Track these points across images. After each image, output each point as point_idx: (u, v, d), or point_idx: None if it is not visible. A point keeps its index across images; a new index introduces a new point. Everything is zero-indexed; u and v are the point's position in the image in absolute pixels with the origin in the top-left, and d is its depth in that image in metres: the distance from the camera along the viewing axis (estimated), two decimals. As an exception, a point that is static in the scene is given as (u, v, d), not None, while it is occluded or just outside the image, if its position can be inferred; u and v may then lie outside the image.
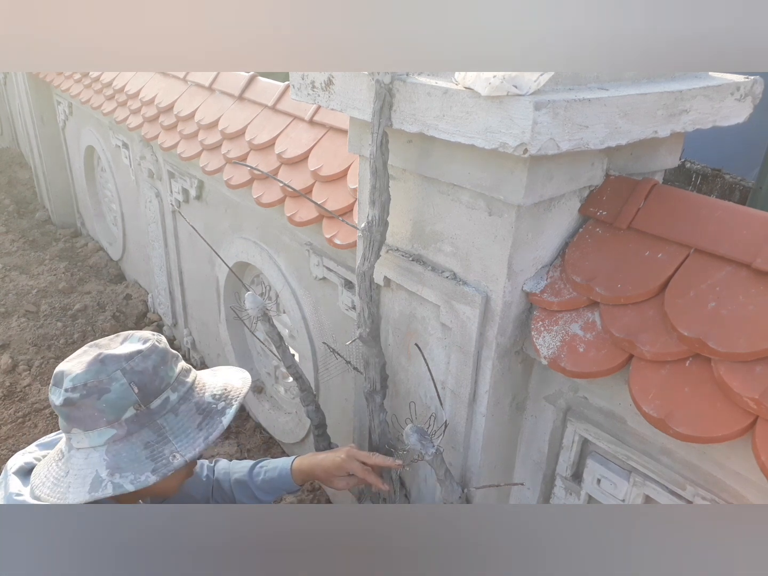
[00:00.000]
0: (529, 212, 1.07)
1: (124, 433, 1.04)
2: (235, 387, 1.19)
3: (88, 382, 1.03)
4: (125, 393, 1.04)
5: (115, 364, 1.05)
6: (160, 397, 1.07)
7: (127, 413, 1.04)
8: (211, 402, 1.13)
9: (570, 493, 1.29)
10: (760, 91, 1.20)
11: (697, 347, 0.95)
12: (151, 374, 1.07)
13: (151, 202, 3.23)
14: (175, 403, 1.09)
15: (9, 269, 4.28)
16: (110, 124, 3.52)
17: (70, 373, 1.04)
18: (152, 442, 1.05)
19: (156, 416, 1.07)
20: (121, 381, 1.03)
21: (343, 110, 1.20)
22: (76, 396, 1.03)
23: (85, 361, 1.06)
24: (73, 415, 1.04)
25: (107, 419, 1.03)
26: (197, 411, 1.11)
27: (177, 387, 1.11)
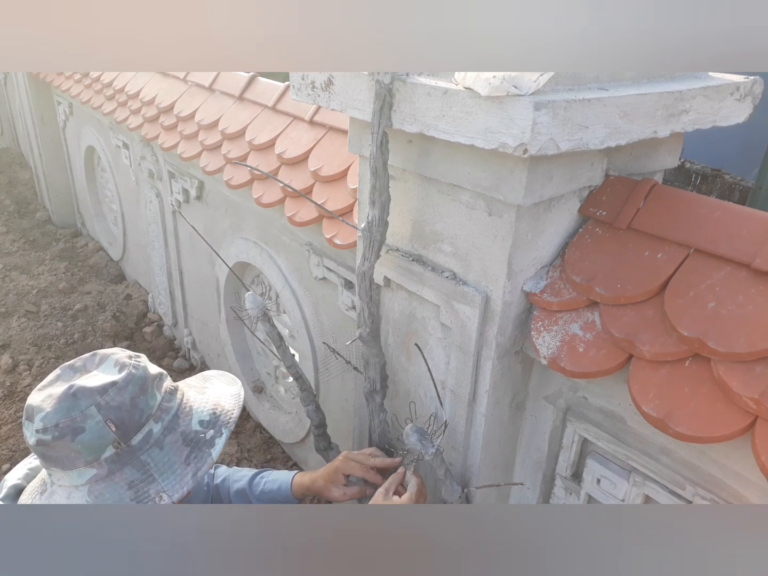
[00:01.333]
0: (529, 212, 1.07)
1: (105, 472, 0.96)
2: (226, 409, 1.08)
3: (59, 423, 0.93)
4: (101, 432, 0.94)
5: (89, 399, 0.95)
6: (142, 431, 0.98)
7: (106, 452, 0.95)
8: (199, 431, 1.03)
9: (570, 493, 1.29)
10: (759, 91, 1.20)
11: (696, 347, 0.95)
12: (129, 408, 0.97)
13: (152, 202, 3.23)
14: (159, 436, 1.00)
15: (9, 269, 4.28)
16: (110, 124, 3.52)
17: (41, 410, 0.95)
18: (136, 481, 0.96)
19: (138, 452, 0.98)
20: (96, 418, 0.94)
21: (343, 110, 1.20)
22: (48, 438, 0.94)
23: (56, 395, 0.96)
24: (49, 455, 0.96)
25: (85, 460, 0.95)
26: (184, 442, 1.01)
27: (160, 416, 1.01)
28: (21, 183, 5.99)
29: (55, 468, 0.97)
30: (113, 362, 1.02)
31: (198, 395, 1.10)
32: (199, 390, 1.13)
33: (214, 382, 1.17)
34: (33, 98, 4.69)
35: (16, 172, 6.24)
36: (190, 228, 2.80)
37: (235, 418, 1.08)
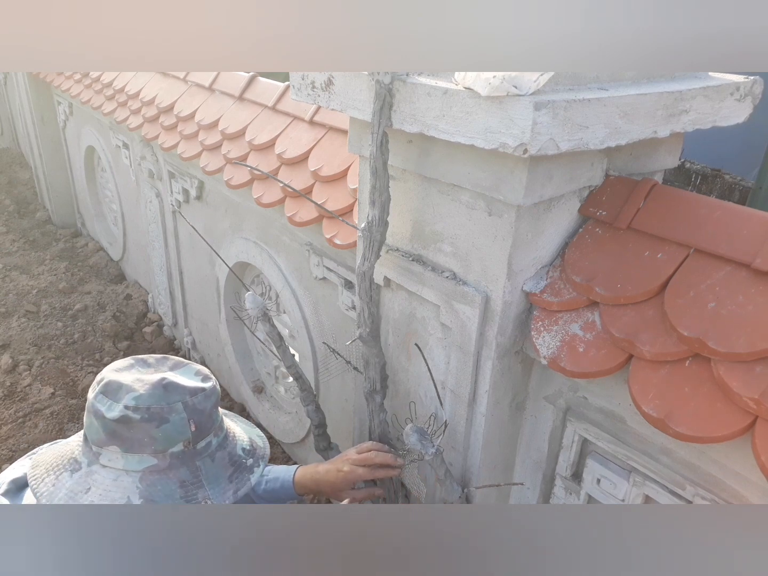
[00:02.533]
0: (528, 212, 1.07)
1: (165, 466, 1.00)
2: (259, 446, 1.16)
3: (152, 407, 0.98)
4: (183, 428, 1.00)
5: (179, 395, 1.01)
6: (205, 440, 1.04)
7: (175, 448, 1.00)
8: (242, 456, 1.11)
9: (570, 493, 1.29)
10: (759, 91, 1.20)
11: (696, 347, 0.95)
12: (207, 415, 1.04)
13: (152, 202, 3.23)
14: (214, 449, 1.06)
15: (9, 269, 4.28)
16: (110, 124, 3.52)
17: (133, 390, 0.99)
18: (188, 482, 1.01)
19: (197, 457, 1.03)
20: (181, 414, 1.00)
21: (343, 110, 1.20)
22: (136, 417, 0.97)
23: (148, 381, 1.01)
24: (120, 434, 0.98)
25: (155, 448, 0.99)
26: (230, 461, 1.08)
27: (218, 432, 1.08)
28: (21, 183, 5.99)
29: (116, 447, 0.98)
30: (194, 371, 1.09)
31: (234, 426, 1.17)
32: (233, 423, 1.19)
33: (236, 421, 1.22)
34: (33, 98, 4.69)
35: (16, 172, 6.24)
36: (190, 228, 2.80)
37: (268, 455, 1.16)
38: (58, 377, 3.18)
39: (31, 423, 2.88)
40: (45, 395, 3.04)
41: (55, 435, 2.81)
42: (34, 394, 3.05)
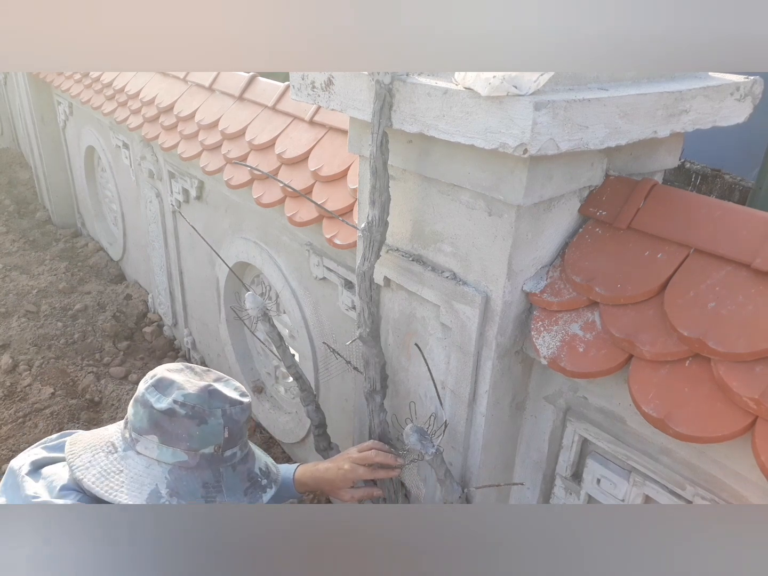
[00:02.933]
0: (529, 212, 1.07)
1: (194, 464, 1.08)
2: (272, 471, 1.25)
3: (197, 406, 1.08)
4: (218, 432, 1.10)
5: (220, 402, 1.11)
6: (232, 450, 1.14)
7: (207, 449, 1.09)
8: (258, 474, 1.19)
9: (570, 493, 1.29)
10: (759, 91, 1.20)
11: (696, 347, 0.95)
12: (239, 427, 1.14)
13: (152, 202, 3.23)
14: (238, 461, 1.15)
15: (9, 269, 4.28)
16: (110, 124, 3.52)
17: (183, 388, 1.09)
18: (209, 484, 1.09)
19: (222, 464, 1.12)
20: (219, 420, 1.10)
21: (343, 110, 1.20)
22: (182, 412, 1.07)
23: (197, 384, 1.11)
24: (162, 425, 1.07)
25: (190, 445, 1.08)
26: (248, 476, 1.16)
27: (243, 447, 1.17)
28: (21, 183, 5.98)
29: (155, 437, 1.07)
30: (234, 386, 1.19)
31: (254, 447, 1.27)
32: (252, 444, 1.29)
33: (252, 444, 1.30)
34: (33, 98, 4.68)
35: (16, 172, 6.24)
36: (190, 228, 2.80)
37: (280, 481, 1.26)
38: (58, 377, 3.18)
39: (31, 423, 2.87)
40: (45, 395, 3.04)
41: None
42: (34, 394, 3.05)
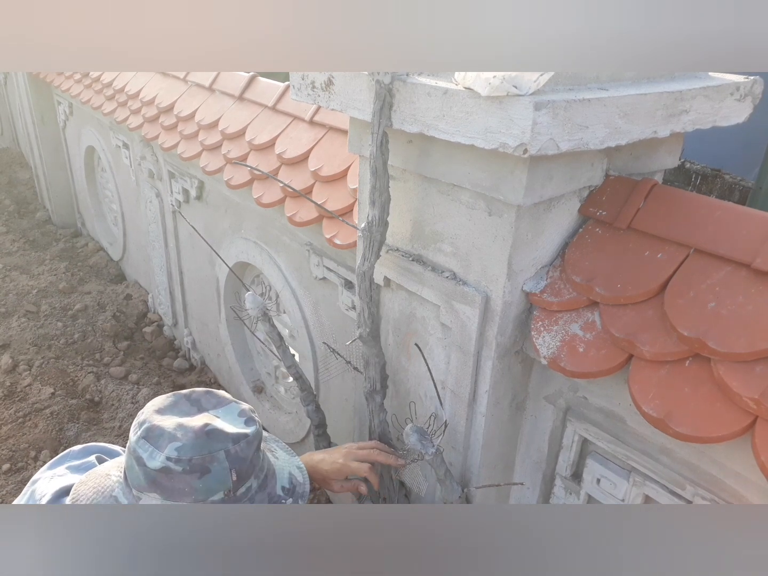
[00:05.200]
0: (529, 212, 1.07)
1: None
2: (299, 481, 1.12)
3: (193, 458, 0.94)
4: (224, 477, 0.96)
5: (221, 444, 0.97)
6: (245, 485, 1.00)
7: (216, 497, 0.97)
8: (282, 496, 1.07)
9: (570, 493, 1.29)
10: (759, 91, 1.20)
11: (696, 347, 0.95)
12: (249, 462, 1.00)
13: (152, 202, 3.23)
14: (254, 492, 1.02)
15: (9, 269, 4.28)
16: (110, 124, 3.52)
17: (176, 439, 0.96)
18: None
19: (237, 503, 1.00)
20: (223, 464, 0.96)
21: (343, 110, 1.20)
22: (177, 468, 0.94)
23: (191, 428, 0.97)
24: (161, 482, 0.95)
25: (195, 498, 0.96)
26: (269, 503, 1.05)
27: (258, 474, 1.04)
28: (21, 183, 5.98)
29: (156, 495, 0.96)
30: (237, 411, 1.05)
31: (273, 458, 1.13)
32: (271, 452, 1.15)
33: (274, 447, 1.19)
34: (33, 98, 4.69)
35: (16, 172, 6.24)
36: (190, 228, 2.80)
37: (308, 490, 1.11)
38: (58, 377, 3.18)
39: (31, 423, 2.87)
40: (45, 395, 3.04)
41: (55, 435, 2.81)
42: (34, 394, 3.05)
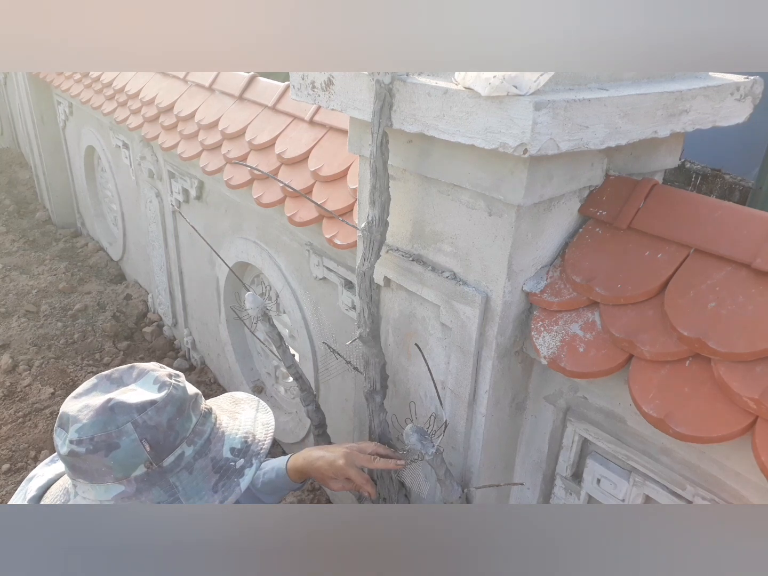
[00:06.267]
0: (529, 212, 1.07)
1: (133, 491, 0.95)
2: (257, 439, 1.07)
3: (95, 436, 0.92)
4: (136, 450, 0.93)
5: (126, 416, 0.93)
6: (174, 453, 0.97)
7: (137, 471, 0.94)
8: (230, 458, 1.02)
9: (570, 493, 1.29)
10: (760, 91, 1.20)
11: (697, 347, 0.95)
12: (165, 429, 0.95)
13: (152, 202, 3.23)
14: (190, 459, 0.99)
15: (9, 269, 4.28)
16: (110, 124, 3.52)
17: (77, 421, 0.94)
18: (163, 503, 0.96)
19: (168, 474, 0.97)
20: (131, 436, 0.93)
21: (343, 110, 1.20)
22: (81, 450, 0.92)
23: (93, 407, 0.94)
24: (78, 467, 0.94)
25: (115, 476, 0.94)
26: (213, 469, 1.00)
27: (193, 440, 1.00)
28: (21, 183, 5.99)
29: (83, 480, 0.95)
30: (153, 379, 1.01)
31: (230, 420, 1.10)
32: (231, 415, 1.12)
33: (245, 407, 1.16)
34: (33, 98, 4.69)
35: (16, 172, 6.24)
36: (190, 228, 2.80)
37: (266, 449, 1.07)
38: (58, 377, 3.18)
39: (31, 423, 2.88)
40: (45, 395, 3.04)
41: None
42: (34, 394, 3.06)
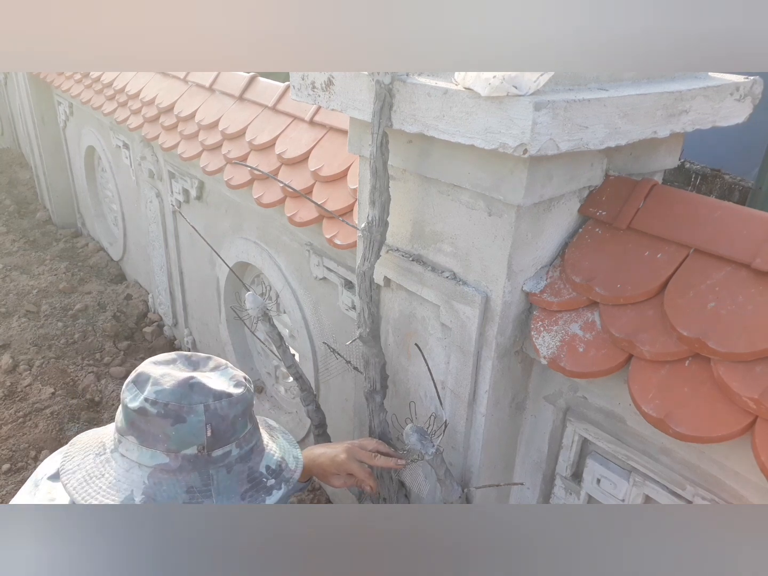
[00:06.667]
0: (528, 212, 1.07)
1: (176, 467, 0.98)
2: (289, 468, 1.11)
3: (170, 403, 0.97)
4: (198, 431, 0.98)
5: (202, 397, 0.99)
6: (224, 449, 1.01)
7: (189, 450, 0.98)
8: (263, 474, 1.06)
9: (570, 493, 1.29)
10: (759, 91, 1.20)
11: (696, 347, 0.96)
12: (229, 423, 1.01)
13: (152, 202, 3.23)
14: (233, 460, 1.03)
15: (10, 269, 4.28)
16: (111, 124, 3.52)
17: (158, 384, 0.99)
18: (195, 489, 0.99)
19: (211, 466, 1.01)
20: (200, 417, 0.98)
21: (344, 110, 1.20)
22: (153, 410, 0.97)
23: (176, 377, 1.00)
24: (138, 425, 0.98)
25: (168, 447, 0.98)
26: (248, 478, 1.04)
27: (242, 444, 1.04)
28: (21, 183, 5.99)
29: (134, 438, 0.99)
30: (229, 375, 1.07)
31: (269, 441, 1.14)
32: (268, 435, 1.16)
33: (278, 435, 1.20)
34: (33, 98, 4.69)
35: (16, 172, 6.25)
36: (190, 228, 2.80)
37: (296, 479, 1.10)
38: (58, 377, 3.18)
39: (31, 423, 2.88)
40: (45, 395, 3.04)
41: (55, 435, 2.81)
42: (34, 394, 3.06)
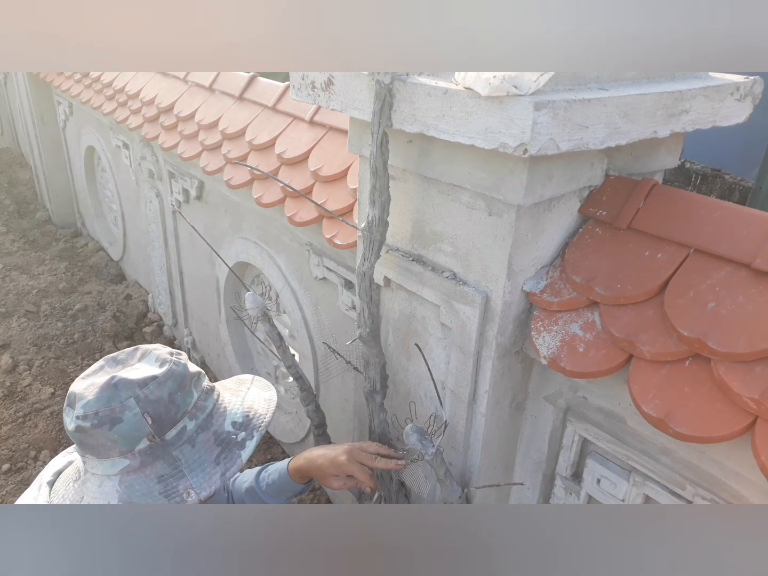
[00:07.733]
0: (529, 212, 1.07)
1: (138, 464, 0.99)
2: (259, 413, 1.10)
3: (99, 411, 0.97)
4: (138, 424, 0.97)
5: (129, 391, 0.98)
6: (176, 427, 1.01)
7: (141, 444, 0.98)
8: (231, 432, 1.06)
9: (570, 493, 1.29)
10: (759, 91, 1.20)
11: (696, 347, 0.95)
12: (167, 403, 1.00)
13: (152, 202, 3.23)
14: (192, 433, 1.03)
15: (9, 269, 4.28)
16: (111, 124, 3.52)
17: (83, 398, 0.99)
18: (166, 475, 0.99)
19: (171, 447, 1.00)
20: (134, 410, 0.97)
21: (344, 110, 1.20)
22: (87, 425, 0.97)
23: (98, 384, 0.99)
24: (86, 442, 0.99)
25: (120, 450, 0.98)
26: (215, 442, 1.04)
27: (195, 414, 1.03)
28: (21, 183, 5.99)
29: (91, 456, 1.00)
30: (155, 357, 1.05)
31: (233, 397, 1.13)
32: (234, 392, 1.15)
33: (249, 386, 1.19)
34: (33, 98, 4.69)
35: (16, 172, 6.25)
36: (190, 228, 2.80)
37: (267, 422, 1.10)
38: (58, 377, 3.18)
39: (31, 423, 2.88)
40: (45, 395, 3.04)
41: (55, 435, 2.81)
42: (34, 394, 3.06)
